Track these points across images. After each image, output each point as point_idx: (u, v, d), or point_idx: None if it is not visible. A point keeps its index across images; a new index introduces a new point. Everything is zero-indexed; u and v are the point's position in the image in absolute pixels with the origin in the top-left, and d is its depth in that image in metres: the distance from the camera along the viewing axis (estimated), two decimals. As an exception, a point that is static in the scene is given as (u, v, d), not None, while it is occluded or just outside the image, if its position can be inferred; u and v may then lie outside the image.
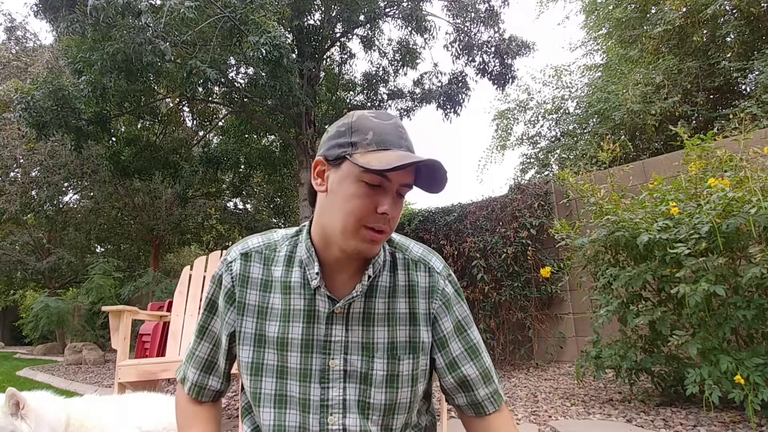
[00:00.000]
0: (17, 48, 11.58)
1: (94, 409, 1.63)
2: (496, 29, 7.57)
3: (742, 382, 2.11)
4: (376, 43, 8.34)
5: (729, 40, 6.29)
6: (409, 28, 7.99)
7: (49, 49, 10.24)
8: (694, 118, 6.09)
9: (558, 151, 8.01)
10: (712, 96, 6.44)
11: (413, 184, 0.81)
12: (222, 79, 6.64)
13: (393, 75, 8.62)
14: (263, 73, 5.65)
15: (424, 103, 8.41)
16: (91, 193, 11.00)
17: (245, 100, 7.40)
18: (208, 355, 0.93)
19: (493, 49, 7.56)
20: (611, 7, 8.13)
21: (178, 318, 3.04)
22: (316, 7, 7.28)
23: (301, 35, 7.07)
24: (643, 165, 4.28)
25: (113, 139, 8.31)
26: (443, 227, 5.15)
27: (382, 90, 8.58)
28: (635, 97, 5.92)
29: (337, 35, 7.91)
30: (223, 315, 0.89)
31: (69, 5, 5.79)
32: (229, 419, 3.19)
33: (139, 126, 9.49)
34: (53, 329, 11.00)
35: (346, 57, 8.82)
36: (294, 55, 6.48)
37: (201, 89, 6.67)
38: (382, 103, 8.58)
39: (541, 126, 8.92)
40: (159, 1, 5.73)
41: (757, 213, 2.19)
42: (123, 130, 9.51)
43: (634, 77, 6.27)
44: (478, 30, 7.67)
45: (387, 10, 7.61)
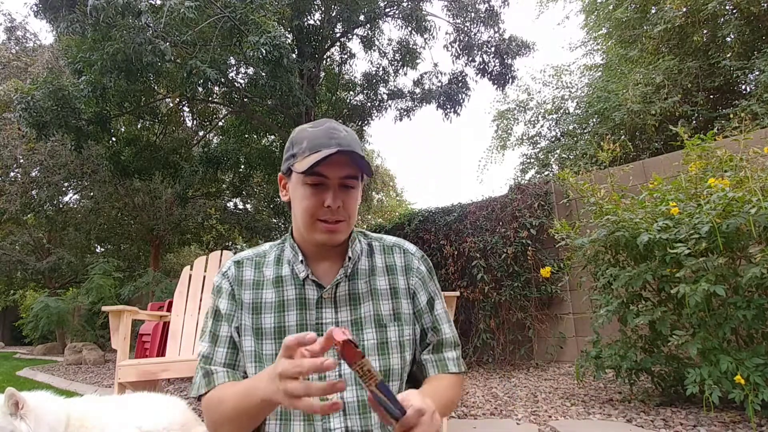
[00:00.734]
0: (17, 48, 11.58)
1: (94, 409, 1.63)
2: (496, 29, 7.58)
3: (742, 382, 2.10)
4: (376, 43, 8.34)
5: (729, 39, 6.29)
6: (409, 28, 7.99)
7: (49, 49, 10.24)
8: (694, 118, 6.09)
9: (558, 151, 8.01)
10: (712, 96, 6.43)
11: (357, 174, 0.90)
12: (222, 79, 6.65)
13: (393, 75, 8.62)
14: (263, 73, 5.65)
15: (424, 103, 8.41)
16: (91, 193, 10.99)
17: (245, 100, 7.40)
18: (225, 358, 0.94)
19: (493, 49, 7.56)
20: (611, 7, 8.13)
21: (178, 318, 3.04)
22: (316, 7, 7.28)
23: (301, 35, 7.07)
24: (643, 165, 4.28)
25: (113, 139, 8.32)
26: (443, 227, 5.15)
27: (382, 90, 8.58)
28: (635, 97, 5.92)
29: (337, 35, 7.91)
30: (230, 313, 0.96)
31: (69, 5, 5.79)
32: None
33: (139, 126, 9.49)
34: (53, 329, 10.99)
35: (346, 57, 8.82)
36: (294, 55, 6.48)
37: (201, 89, 6.67)
38: (382, 103, 8.59)
39: (541, 126, 8.92)
40: (159, 1, 5.73)
41: (757, 213, 2.19)
42: (123, 130, 9.51)
43: (634, 77, 6.27)
44: (478, 30, 7.68)
45: (387, 10, 7.61)
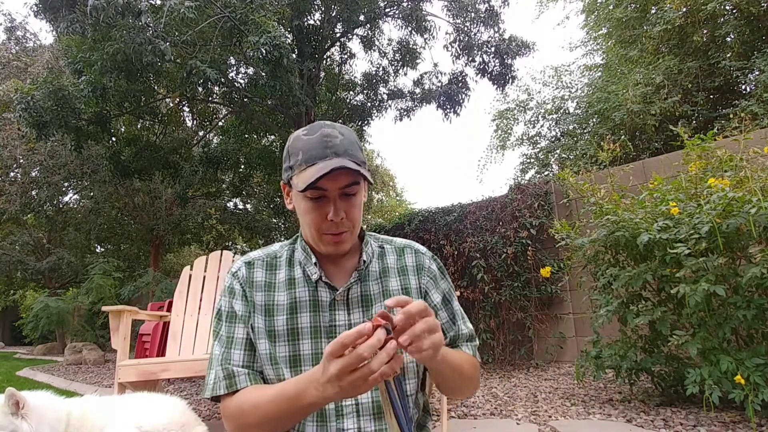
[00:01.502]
0: (17, 48, 11.58)
1: (94, 409, 1.63)
2: (496, 29, 7.58)
3: (743, 382, 2.10)
4: (376, 43, 8.34)
5: (729, 40, 6.28)
6: (409, 28, 8.00)
7: (49, 49, 10.24)
8: (694, 118, 6.09)
9: (558, 151, 8.01)
10: (712, 96, 6.43)
11: (357, 180, 0.88)
12: (222, 79, 6.65)
13: (393, 75, 8.63)
14: (263, 73, 5.65)
15: (424, 103, 8.41)
16: (91, 193, 11.00)
17: (245, 100, 7.40)
18: (243, 360, 0.92)
19: (493, 49, 7.56)
20: (611, 7, 8.12)
21: (178, 318, 3.04)
22: (316, 7, 7.28)
23: (301, 35, 7.07)
24: (643, 165, 4.28)
25: (113, 139, 8.32)
26: (443, 227, 5.15)
27: (382, 90, 8.58)
28: (635, 97, 5.92)
29: (337, 35, 7.91)
30: (244, 314, 0.95)
31: (69, 5, 5.79)
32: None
33: (139, 126, 9.50)
34: (53, 329, 11.00)
35: (346, 57, 8.83)
36: (294, 55, 6.48)
37: (201, 89, 6.68)
38: (382, 103, 8.59)
39: (541, 126, 8.91)
40: (159, 1, 5.73)
41: (757, 213, 2.19)
42: (123, 130, 9.51)
43: (634, 77, 6.26)
44: (478, 30, 7.68)
45: (387, 10, 7.61)
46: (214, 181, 10.90)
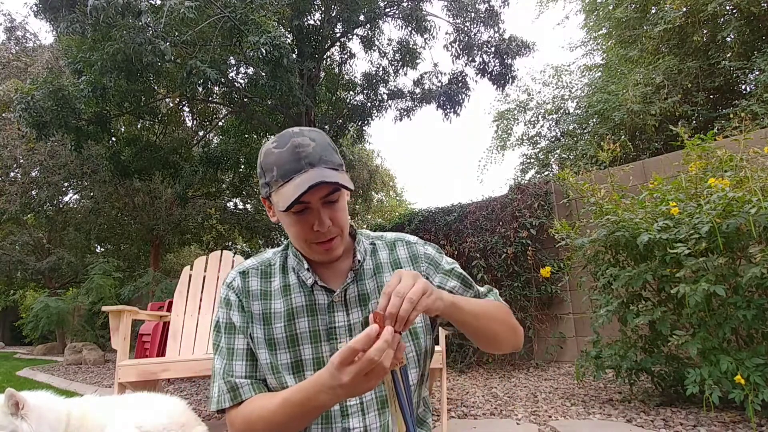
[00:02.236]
0: (17, 48, 11.57)
1: (94, 409, 1.63)
2: (496, 29, 7.58)
3: (743, 382, 2.10)
4: (376, 43, 8.34)
5: (729, 40, 6.28)
6: (409, 28, 7.99)
7: (49, 49, 10.23)
8: (694, 118, 6.09)
9: (558, 151, 8.00)
10: (712, 96, 6.43)
11: (338, 187, 0.86)
12: (222, 79, 6.65)
13: (393, 75, 8.62)
14: (263, 73, 5.65)
15: (424, 103, 8.41)
16: (91, 193, 11.00)
17: (245, 100, 7.40)
18: (246, 370, 0.92)
19: (493, 49, 7.56)
20: (611, 7, 8.12)
21: (178, 318, 3.04)
22: (316, 7, 7.28)
23: (301, 35, 7.07)
24: (643, 165, 4.28)
25: (113, 139, 8.32)
26: (443, 227, 5.15)
27: (382, 90, 8.58)
28: (635, 97, 5.92)
29: (337, 35, 7.91)
30: (243, 325, 0.94)
31: (69, 5, 5.79)
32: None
33: (139, 126, 9.50)
34: (53, 329, 11.00)
35: (346, 57, 8.82)
36: (294, 55, 6.48)
37: (201, 89, 6.68)
38: (382, 103, 8.58)
39: (541, 126, 8.91)
40: (159, 1, 5.73)
41: (757, 213, 2.19)
42: (123, 130, 9.51)
43: (634, 77, 6.26)
44: (478, 30, 7.68)
45: (387, 10, 7.61)
46: (214, 181, 10.89)
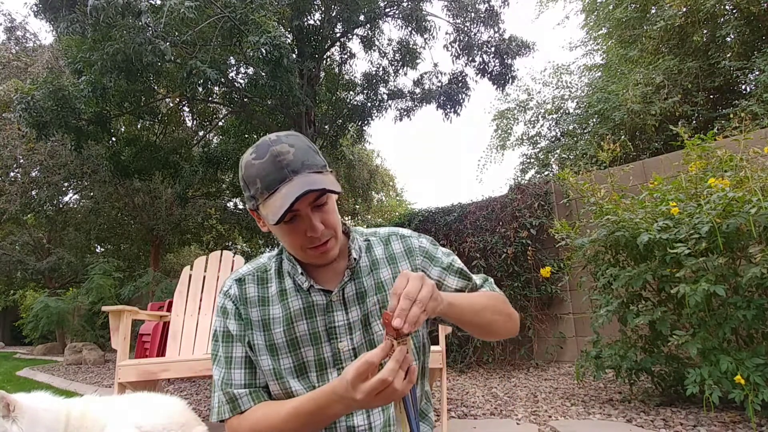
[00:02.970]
0: (17, 48, 11.58)
1: (94, 409, 1.62)
2: (496, 29, 7.58)
3: (743, 382, 2.10)
4: (376, 43, 8.34)
5: (729, 40, 6.28)
6: (409, 28, 8.00)
7: (49, 49, 10.23)
8: (694, 118, 6.08)
9: (558, 151, 8.00)
10: (712, 96, 6.43)
11: (322, 192, 0.85)
12: (222, 79, 6.65)
13: (393, 75, 8.62)
14: (263, 73, 5.65)
15: (424, 103, 8.41)
16: (91, 193, 11.00)
17: (245, 100, 7.40)
18: (244, 379, 0.93)
19: (493, 49, 7.57)
20: (611, 7, 8.12)
21: (178, 318, 3.04)
22: (316, 7, 7.28)
23: (301, 35, 7.07)
24: (643, 165, 4.28)
25: (113, 139, 8.32)
26: (443, 227, 5.15)
27: (382, 90, 8.58)
28: (635, 97, 5.91)
29: (337, 35, 7.91)
30: (240, 333, 0.95)
31: (69, 5, 5.79)
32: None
33: (139, 126, 9.49)
34: (53, 329, 10.99)
35: (346, 57, 8.83)
36: (294, 55, 6.48)
37: (201, 89, 6.68)
38: (382, 103, 8.59)
39: (541, 126, 8.90)
40: (159, 1, 5.73)
41: (757, 213, 2.19)
42: (123, 130, 9.51)
43: (634, 77, 6.26)
44: (478, 30, 7.68)
45: (387, 10, 7.61)
46: (214, 181, 10.89)
